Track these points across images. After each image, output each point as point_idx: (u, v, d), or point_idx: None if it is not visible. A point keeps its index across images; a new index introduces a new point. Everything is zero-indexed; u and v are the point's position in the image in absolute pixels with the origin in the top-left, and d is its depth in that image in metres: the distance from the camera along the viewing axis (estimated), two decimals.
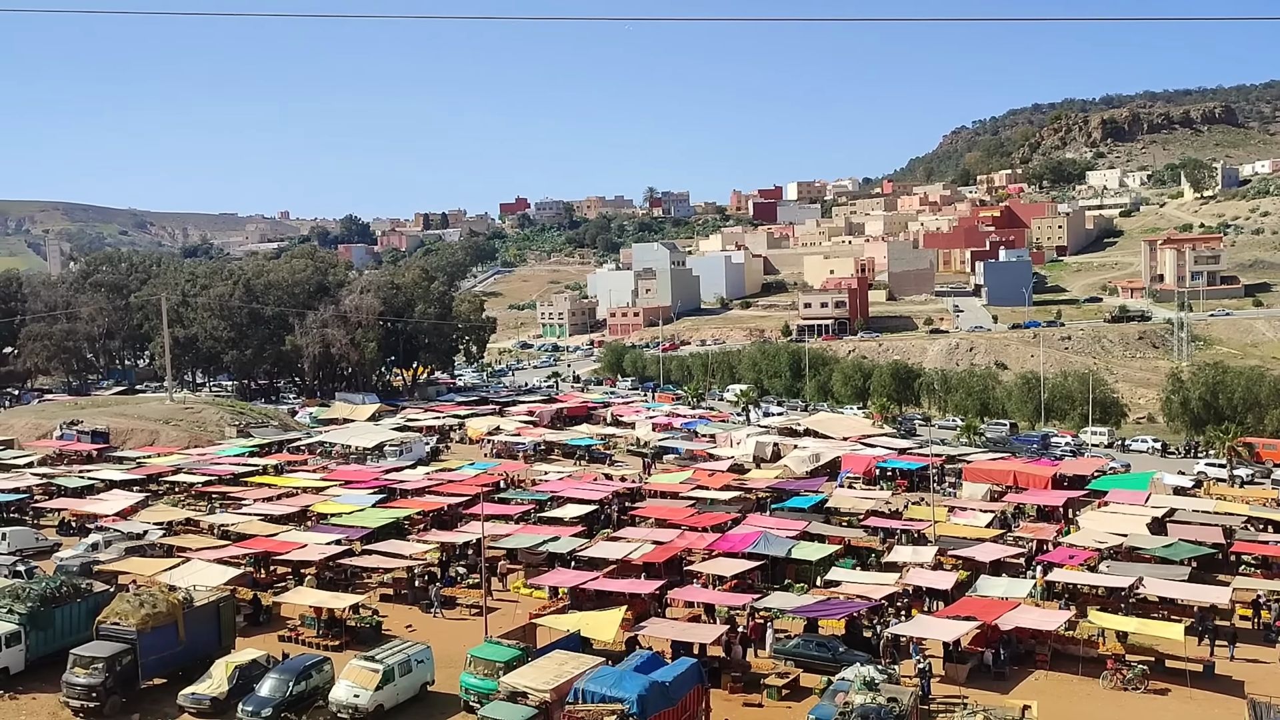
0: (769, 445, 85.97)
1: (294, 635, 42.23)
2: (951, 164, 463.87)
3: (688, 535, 54.91)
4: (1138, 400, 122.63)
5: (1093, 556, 51.06)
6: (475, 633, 39.92)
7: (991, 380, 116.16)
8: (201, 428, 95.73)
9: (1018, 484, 69.89)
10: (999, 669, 38.64)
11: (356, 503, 62.97)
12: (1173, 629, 39.17)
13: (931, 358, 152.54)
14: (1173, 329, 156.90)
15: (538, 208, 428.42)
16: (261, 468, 77.96)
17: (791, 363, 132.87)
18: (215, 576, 44.38)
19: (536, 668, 34.02)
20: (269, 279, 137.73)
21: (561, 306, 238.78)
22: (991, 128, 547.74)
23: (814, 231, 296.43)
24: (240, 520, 58.94)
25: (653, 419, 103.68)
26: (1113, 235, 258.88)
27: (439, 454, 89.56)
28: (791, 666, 38.76)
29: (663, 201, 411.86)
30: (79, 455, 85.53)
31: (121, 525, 58.11)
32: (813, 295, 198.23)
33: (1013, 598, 43.32)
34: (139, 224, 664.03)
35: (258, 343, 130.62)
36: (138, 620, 35.59)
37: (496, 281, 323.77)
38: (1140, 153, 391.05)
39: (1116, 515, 59.31)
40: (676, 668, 33.96)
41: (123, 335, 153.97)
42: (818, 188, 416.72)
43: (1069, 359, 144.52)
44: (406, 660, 35.35)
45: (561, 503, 64.17)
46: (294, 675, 34.02)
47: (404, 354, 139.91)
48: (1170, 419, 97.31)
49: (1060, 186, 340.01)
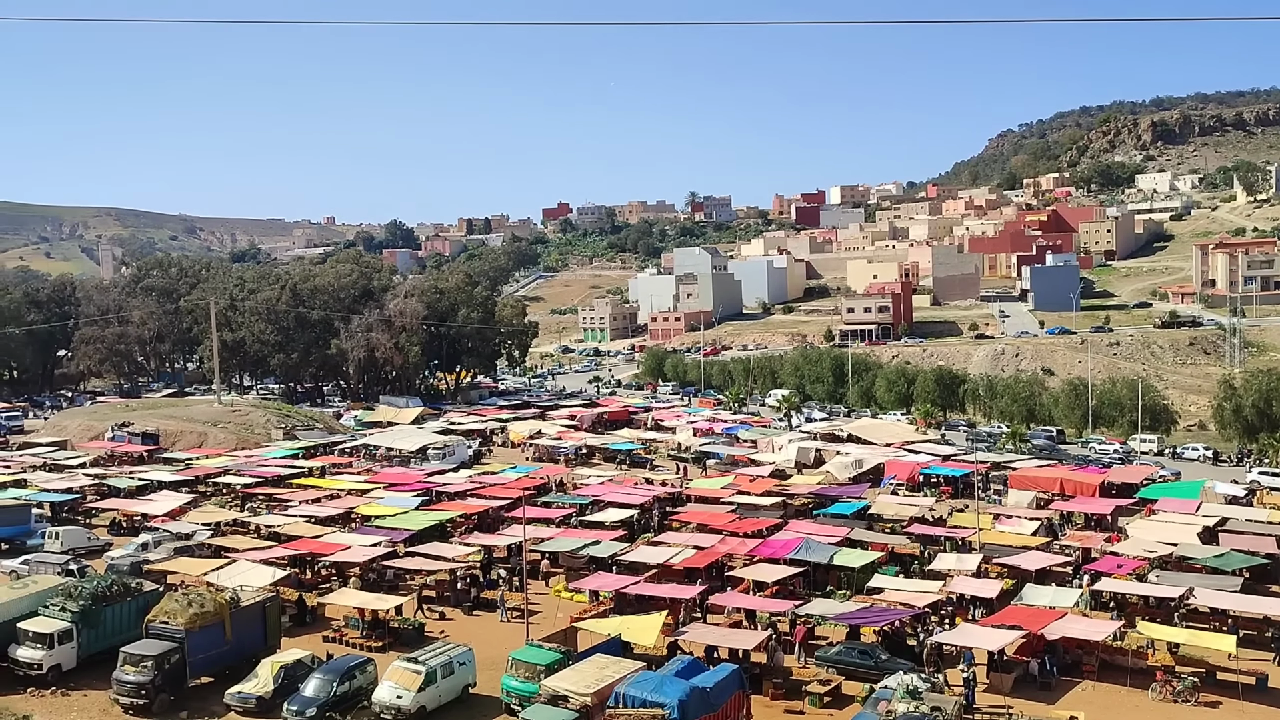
0: (811, 451, 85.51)
1: (338, 636, 42.63)
2: (997, 167, 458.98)
3: (729, 540, 54.70)
4: (1188, 407, 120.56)
5: (1142, 566, 50.20)
6: (517, 635, 40.07)
7: (1038, 386, 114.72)
8: (249, 430, 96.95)
9: (1064, 491, 68.96)
10: (1045, 679, 38.10)
11: (400, 505, 63.43)
12: (1225, 641, 38.39)
13: (976, 363, 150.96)
14: (1225, 335, 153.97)
15: (580, 213, 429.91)
16: (307, 470, 78.81)
17: (834, 368, 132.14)
18: (261, 577, 44.88)
19: (577, 671, 34.07)
20: (315, 284, 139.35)
21: (603, 311, 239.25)
22: (1038, 131, 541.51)
23: (857, 236, 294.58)
24: (286, 521, 59.59)
25: (693, 424, 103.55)
26: (1163, 239, 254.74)
27: (481, 457, 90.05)
28: (833, 674, 38.48)
29: (704, 206, 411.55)
30: (130, 456, 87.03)
31: (170, 525, 59.01)
32: (856, 300, 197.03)
33: (1059, 607, 42.71)
34: (189, 229, 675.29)
35: (304, 346, 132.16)
36: (186, 619, 36.14)
37: (539, 286, 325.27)
38: (1191, 155, 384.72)
39: (1166, 524, 58.29)
40: (717, 673, 33.87)
41: (172, 339, 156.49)
42: (861, 192, 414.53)
43: (1117, 365, 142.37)
44: (449, 662, 35.56)
45: (602, 507, 64.24)
46: (338, 676, 34.36)
47: (447, 358, 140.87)
48: (1222, 426, 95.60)
49: (1109, 190, 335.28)
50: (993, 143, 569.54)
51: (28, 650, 36.72)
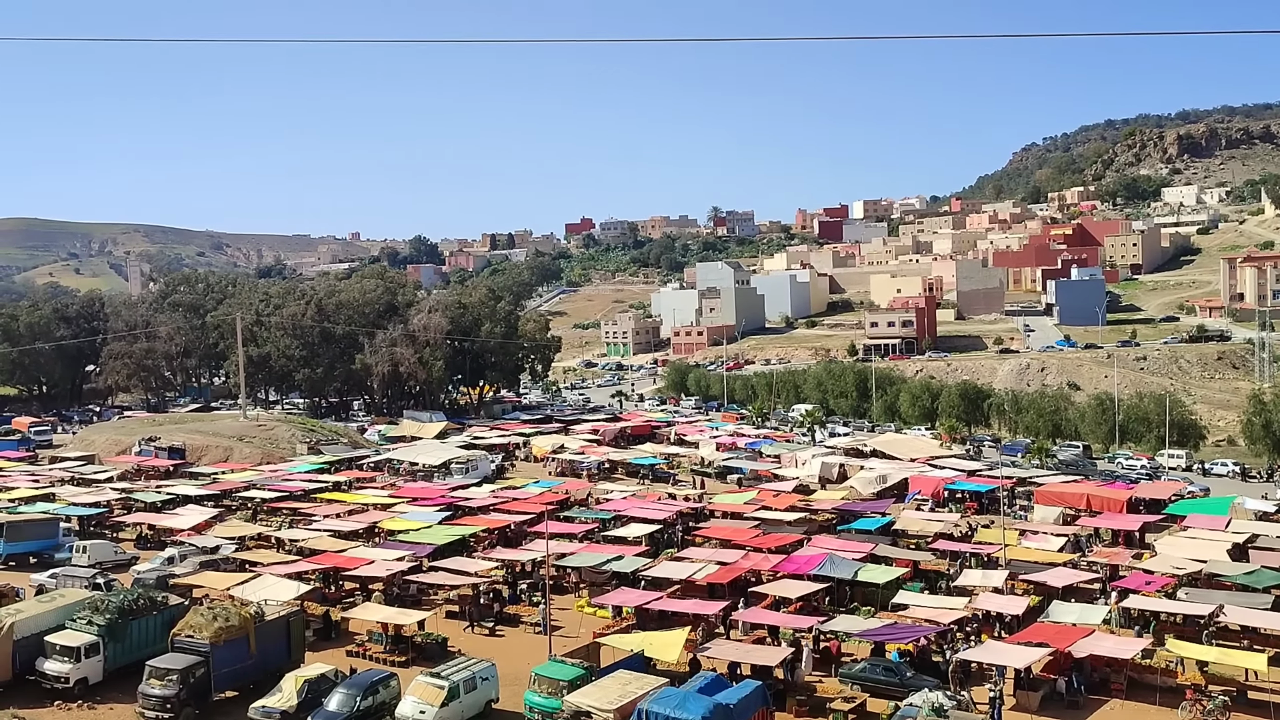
0: (835, 466, 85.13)
1: (362, 650, 42.70)
2: (1022, 181, 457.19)
3: (752, 556, 54.48)
4: (1217, 422, 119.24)
5: (1170, 583, 49.62)
6: (540, 651, 40.04)
7: (1064, 401, 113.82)
8: (274, 445, 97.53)
9: (1091, 507, 68.30)
10: (1072, 697, 37.66)
11: (423, 520, 63.55)
12: (1256, 659, 37.85)
13: (1001, 378, 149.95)
14: (1254, 349, 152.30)
15: (602, 228, 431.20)
16: (331, 484, 79.19)
17: (858, 383, 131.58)
18: (286, 591, 45.06)
19: (600, 687, 33.99)
20: (340, 299, 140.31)
21: (626, 326, 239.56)
22: (1063, 144, 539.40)
23: (880, 250, 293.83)
24: (310, 536, 59.82)
25: (716, 438, 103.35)
26: (1190, 253, 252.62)
27: (504, 472, 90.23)
28: (858, 691, 38.19)
29: (727, 221, 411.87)
30: (156, 471, 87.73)
31: (196, 540, 59.33)
32: (879, 314, 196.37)
33: (1086, 624, 42.26)
34: (216, 245, 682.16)
35: (328, 361, 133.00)
36: (211, 633, 36.32)
37: (561, 301, 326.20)
38: (1218, 169, 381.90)
39: (1195, 540, 57.60)
40: (741, 690, 33.70)
41: (199, 354, 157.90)
42: (884, 206, 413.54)
43: (1144, 380, 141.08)
44: (472, 677, 35.52)
45: (625, 522, 64.15)
46: (361, 690, 34.40)
47: (470, 373, 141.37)
48: (1251, 442, 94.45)
49: (1135, 204, 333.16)
50: (1017, 156, 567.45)
51: (55, 663, 36.99)
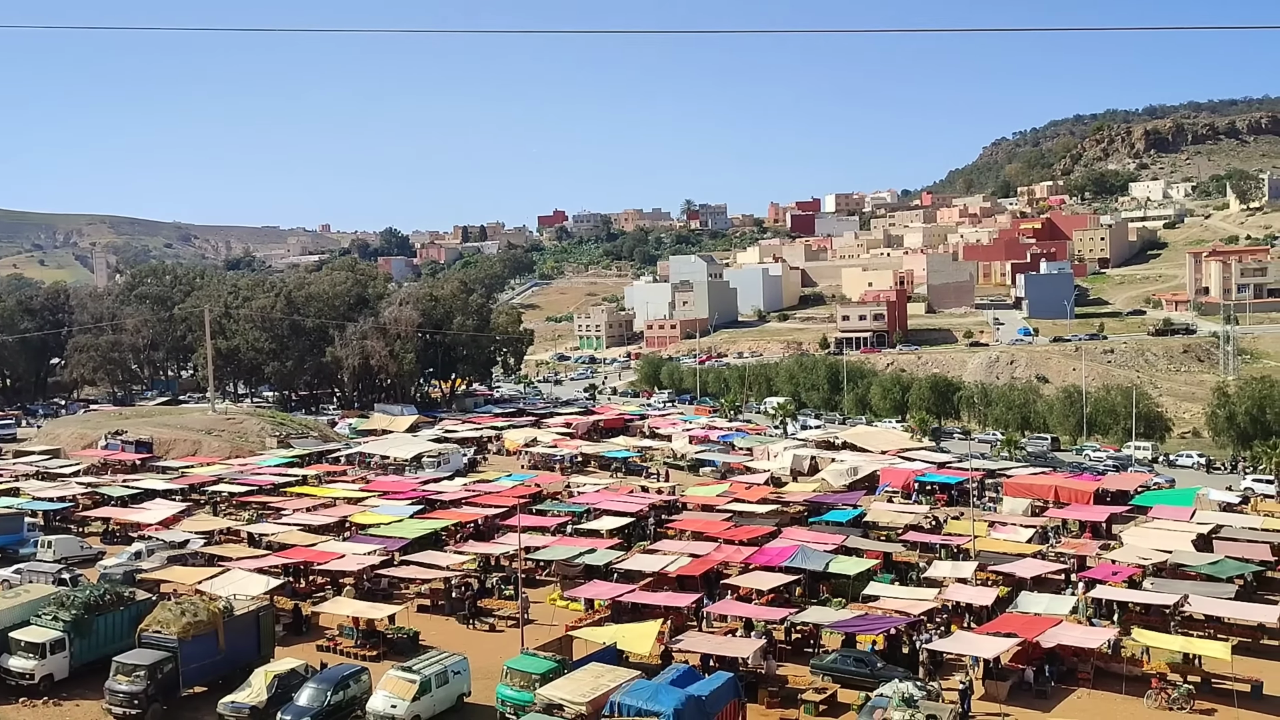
0: (806, 458, 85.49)
1: (332, 645, 42.52)
2: (991, 176, 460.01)
3: (724, 548, 54.69)
4: (1182, 415, 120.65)
5: (1136, 573, 50.25)
6: (512, 644, 39.98)
7: (1032, 394, 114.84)
8: (243, 438, 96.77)
9: (1059, 499, 69.00)
10: (1040, 687, 38.07)
11: (394, 514, 63.30)
12: (1220, 648, 38.42)
13: (971, 371, 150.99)
14: (1218, 342, 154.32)
15: (575, 220, 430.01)
16: (301, 478, 78.73)
17: (829, 375, 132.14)
18: (255, 586, 44.79)
19: (572, 680, 34.00)
20: (310, 291, 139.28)
21: (599, 319, 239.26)
22: (1032, 139, 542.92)
23: (852, 244, 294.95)
24: (280, 530, 59.53)
25: (689, 431, 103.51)
26: (1156, 247, 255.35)
27: (476, 465, 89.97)
28: (829, 682, 38.42)
29: (700, 214, 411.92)
30: (123, 465, 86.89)
31: (164, 534, 58.86)
32: (851, 308, 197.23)
33: (1054, 614, 42.71)
34: (183, 237, 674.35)
35: (298, 354, 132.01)
36: (179, 629, 36.05)
37: (534, 294, 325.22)
38: (1185, 164, 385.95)
39: (1161, 531, 58.38)
40: (713, 682, 33.83)
41: (166, 347, 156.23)
42: (856, 200, 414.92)
43: (1112, 373, 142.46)
44: (443, 671, 35.46)
45: (598, 515, 64.20)
46: (332, 685, 34.23)
47: (442, 366, 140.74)
48: (1216, 434, 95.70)
49: (1103, 198, 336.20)
50: (987, 151, 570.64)
51: (20, 660, 36.60)
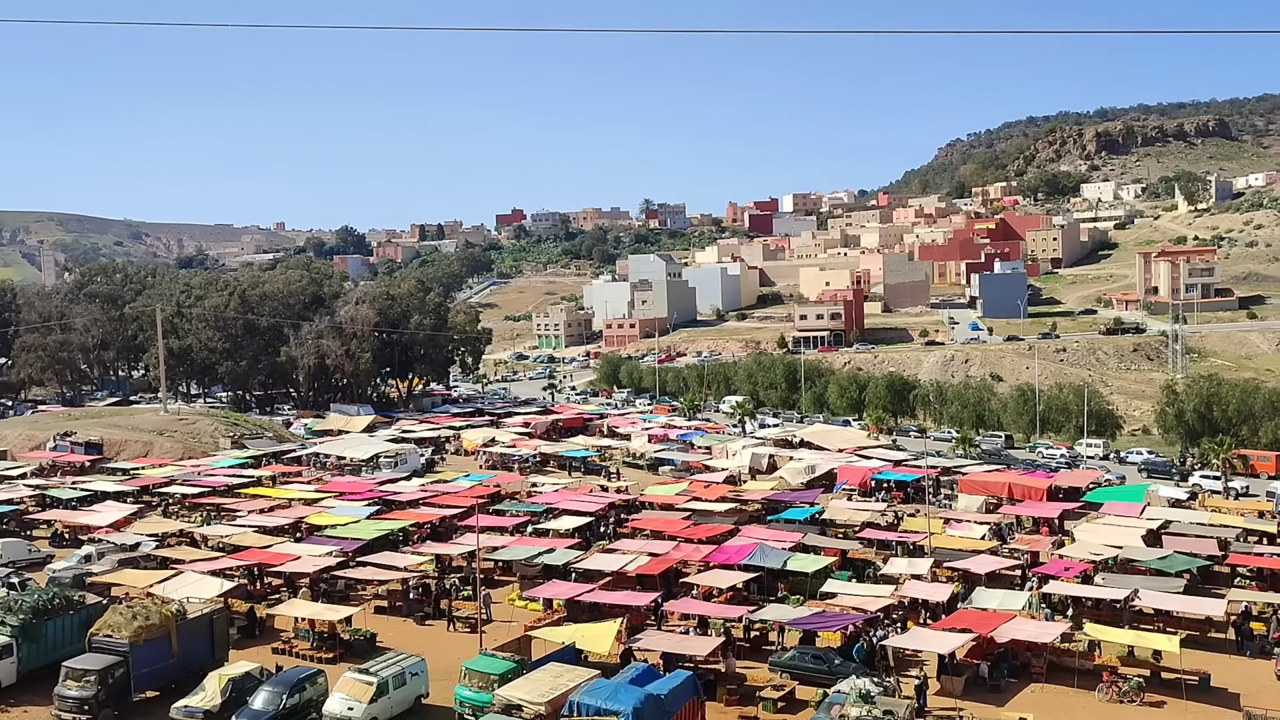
0: (765, 457, 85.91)
1: (288, 648, 42.05)
2: (946, 176, 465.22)
3: (683, 547, 54.79)
4: (1133, 412, 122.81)
5: (1088, 568, 51.03)
6: (470, 645, 39.78)
7: (986, 392, 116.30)
8: (196, 439, 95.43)
9: (1013, 496, 69.92)
10: (995, 681, 38.55)
11: (351, 514, 62.72)
12: (1168, 641, 39.13)
13: (927, 370, 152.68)
14: (1167, 341, 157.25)
15: (534, 219, 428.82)
16: (256, 479, 77.79)
17: (787, 374, 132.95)
18: (209, 588, 44.19)
19: (531, 680, 33.89)
20: (264, 290, 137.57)
21: (558, 318, 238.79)
22: (986, 140, 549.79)
23: (809, 244, 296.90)
24: (234, 532, 58.80)
25: (649, 430, 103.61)
26: (1107, 248, 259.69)
27: (434, 466, 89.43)
28: (787, 679, 38.64)
29: (659, 213, 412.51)
30: (72, 466, 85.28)
31: (115, 537, 57.88)
32: (808, 307, 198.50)
33: (1008, 610, 43.28)
34: (134, 235, 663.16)
35: (252, 354, 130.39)
36: (130, 633, 35.45)
37: (492, 293, 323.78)
38: (1134, 165, 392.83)
39: (1112, 527, 59.35)
40: (672, 680, 33.88)
41: (117, 346, 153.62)
42: (813, 200, 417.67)
43: (1064, 371, 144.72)
44: (401, 673, 35.21)
45: (557, 514, 64.07)
46: (287, 688, 33.85)
47: (399, 365, 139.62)
48: (1165, 431, 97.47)
49: (1055, 199, 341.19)
50: (942, 152, 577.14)
51: None
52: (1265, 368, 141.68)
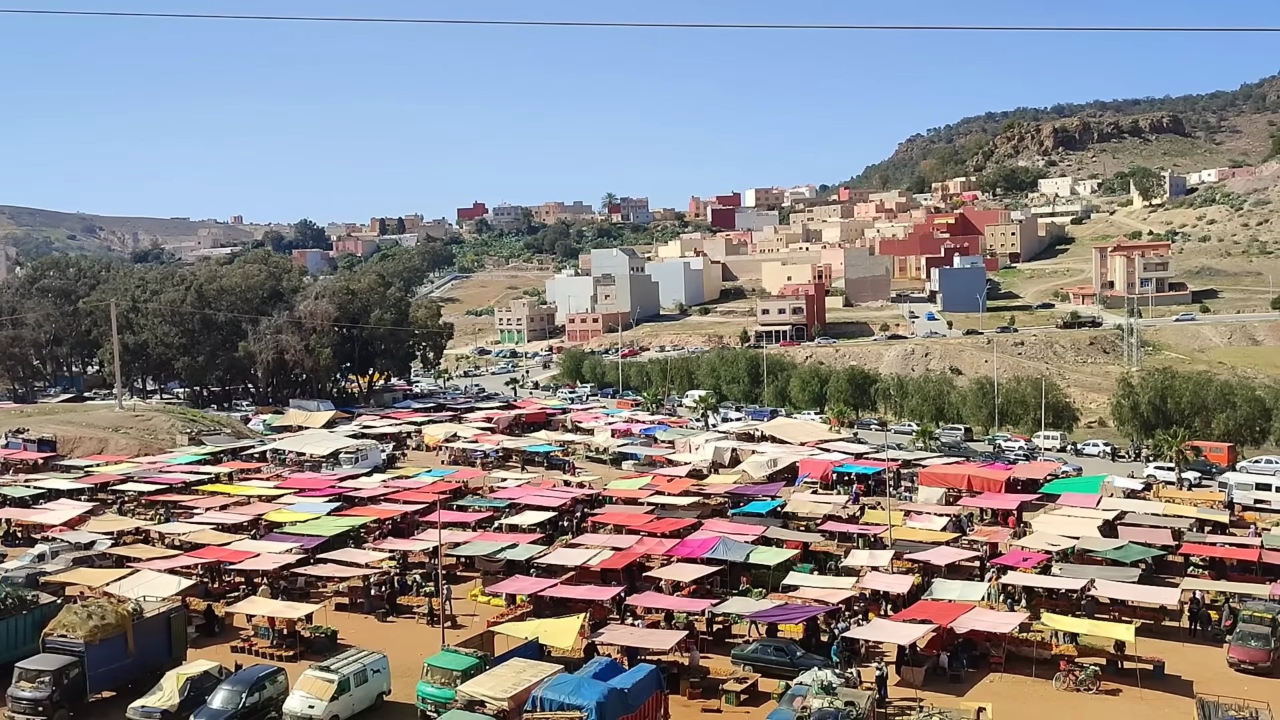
0: (727, 451, 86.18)
1: (247, 646, 41.63)
2: (907, 171, 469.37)
3: (646, 541, 54.86)
4: (1089, 405, 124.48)
5: (1045, 559, 51.69)
6: (432, 641, 39.59)
7: (946, 385, 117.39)
8: (152, 435, 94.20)
9: (972, 488, 70.62)
10: (954, 671, 38.97)
11: (311, 511, 62.24)
12: (1124, 630, 39.74)
13: (888, 363, 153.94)
14: (1123, 335, 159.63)
15: (496, 213, 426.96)
16: (214, 476, 76.89)
17: (750, 368, 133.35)
18: (166, 587, 43.68)
19: (494, 676, 33.79)
20: (222, 285, 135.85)
21: (520, 312, 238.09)
22: (946, 135, 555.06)
23: (772, 238, 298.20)
24: (192, 529, 58.17)
25: (612, 425, 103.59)
26: (1064, 242, 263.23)
27: (395, 461, 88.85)
28: (750, 671, 38.82)
29: (621, 208, 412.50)
30: (25, 464, 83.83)
31: (69, 535, 57.03)
32: (771, 301, 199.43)
33: (967, 600, 43.75)
34: (88, 228, 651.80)
35: (210, 349, 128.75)
36: (85, 632, 34.93)
37: (454, 287, 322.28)
38: (1091, 161, 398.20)
39: (1069, 518, 60.12)
40: (635, 674, 33.93)
41: (70, 342, 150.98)
42: (775, 194, 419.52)
43: (1022, 364, 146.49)
44: (362, 670, 34.96)
45: (520, 510, 63.90)
46: (247, 687, 33.50)
47: (360, 360, 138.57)
48: (1121, 423, 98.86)
49: (1013, 194, 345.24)
50: (902, 147, 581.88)
51: None
52: (1218, 360, 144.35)
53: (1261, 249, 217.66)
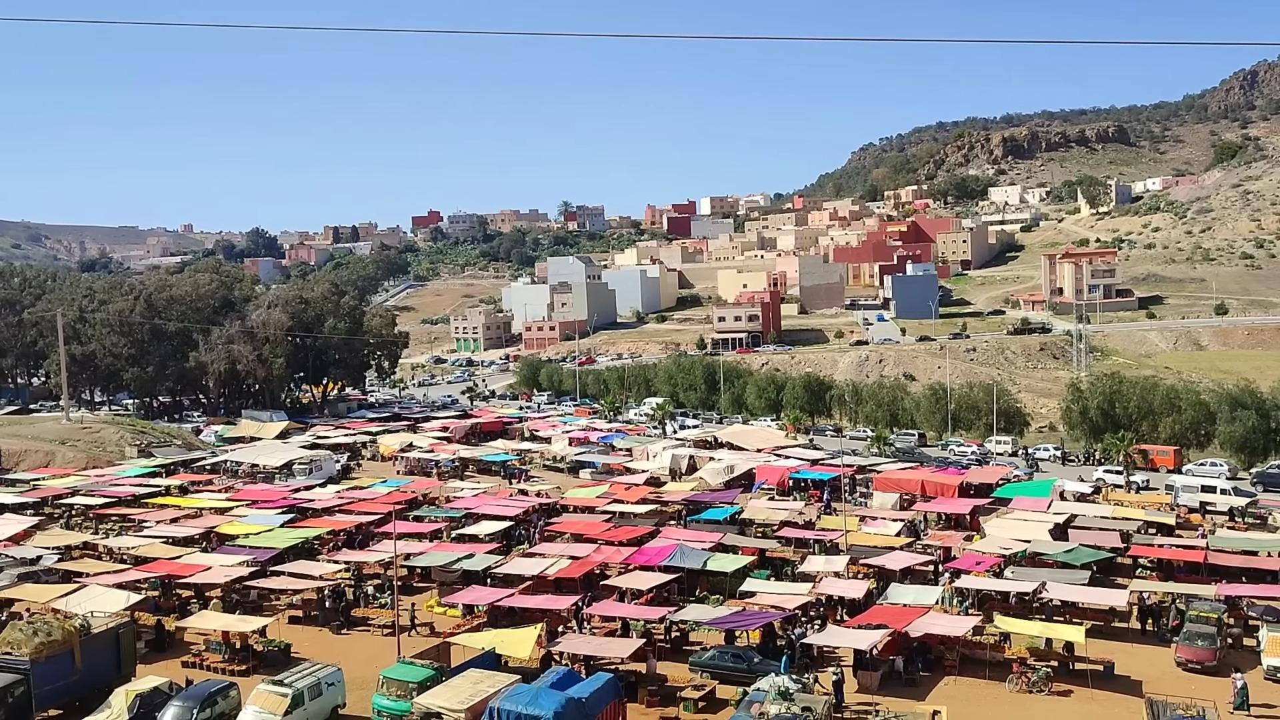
0: (684, 458, 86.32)
1: (198, 661, 40.99)
2: (860, 180, 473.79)
3: (604, 549, 54.80)
4: (1040, 410, 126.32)
5: (998, 562, 52.30)
6: (388, 653, 39.23)
7: (900, 391, 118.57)
8: (100, 448, 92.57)
9: (926, 493, 71.30)
10: (910, 675, 39.30)
11: (264, 523, 61.49)
12: (1075, 631, 40.33)
13: (843, 370, 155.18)
14: (1072, 340, 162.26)
15: (451, 221, 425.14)
16: (164, 488, 75.68)
17: (706, 376, 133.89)
18: (115, 602, 42.90)
19: (451, 688, 33.56)
20: (172, 294, 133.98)
21: (476, 321, 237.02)
22: (898, 144, 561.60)
23: (727, 246, 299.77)
24: (141, 543, 57.16)
25: (569, 434, 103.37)
26: (1014, 250, 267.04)
27: (350, 472, 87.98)
28: (708, 678, 38.89)
29: (577, 215, 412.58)
30: None
31: (14, 550, 55.81)
32: (726, 309, 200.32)
33: (922, 604, 44.16)
34: (33, 237, 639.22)
35: (160, 360, 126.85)
36: (31, 649, 34.23)
37: (409, 296, 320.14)
38: (1039, 170, 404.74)
39: (1020, 522, 60.89)
40: (593, 683, 33.85)
41: (16, 353, 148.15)
42: (730, 202, 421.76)
43: (974, 370, 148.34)
44: (316, 684, 34.54)
45: (476, 519, 63.52)
46: (198, 702, 32.96)
47: (313, 370, 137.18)
48: (1070, 427, 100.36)
49: (964, 202, 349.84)
50: (855, 156, 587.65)
51: None
52: (1164, 365, 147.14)
53: (1205, 256, 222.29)
